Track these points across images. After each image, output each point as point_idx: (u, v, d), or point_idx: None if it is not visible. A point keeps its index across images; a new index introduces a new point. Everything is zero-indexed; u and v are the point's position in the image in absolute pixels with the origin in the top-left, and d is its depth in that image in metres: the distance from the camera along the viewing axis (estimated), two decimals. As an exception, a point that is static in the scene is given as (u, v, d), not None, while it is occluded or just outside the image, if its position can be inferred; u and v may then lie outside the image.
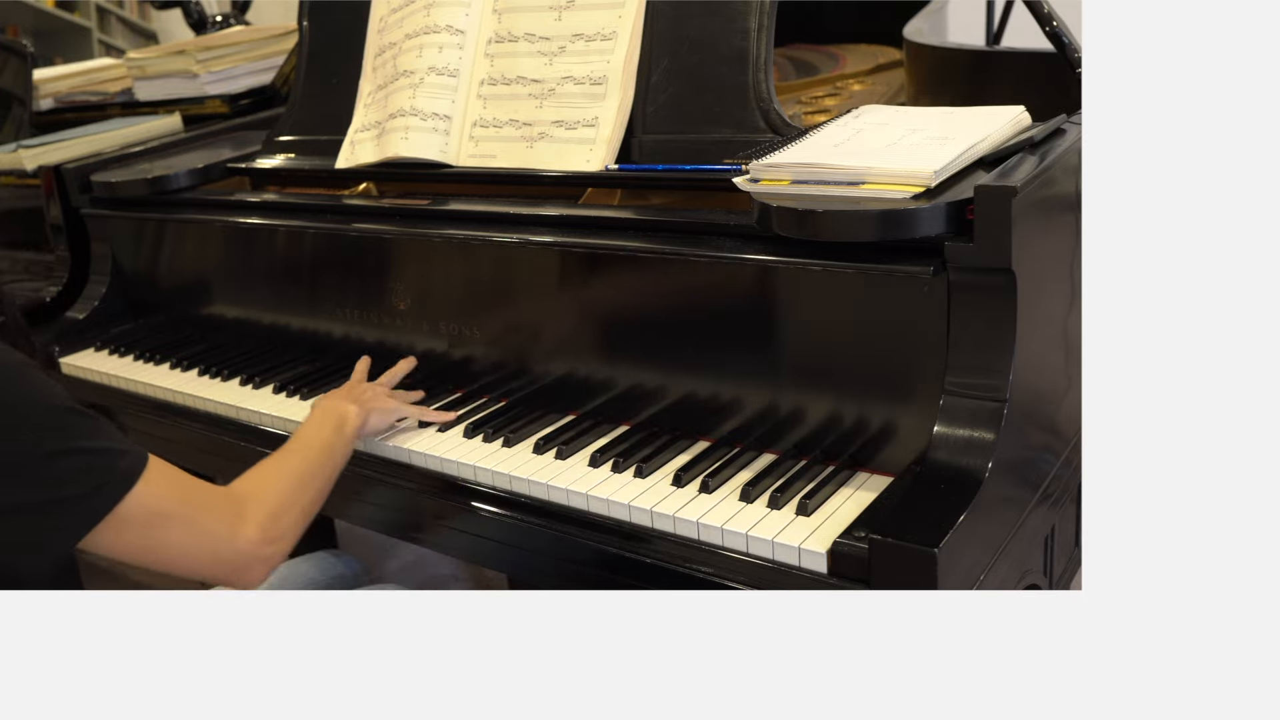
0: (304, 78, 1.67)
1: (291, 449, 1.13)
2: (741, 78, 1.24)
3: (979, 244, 0.95)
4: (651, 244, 1.15)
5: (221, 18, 2.54)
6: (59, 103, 2.39)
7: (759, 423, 1.13)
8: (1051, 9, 1.27)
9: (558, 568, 1.13)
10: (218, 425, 1.45)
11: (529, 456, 1.18)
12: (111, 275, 1.78)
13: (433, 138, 1.41)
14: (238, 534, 0.97)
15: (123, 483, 0.90)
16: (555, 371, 1.27)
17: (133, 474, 0.91)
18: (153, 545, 0.93)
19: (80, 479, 0.88)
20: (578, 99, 1.32)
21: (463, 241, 1.30)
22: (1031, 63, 1.44)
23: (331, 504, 1.40)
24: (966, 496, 0.92)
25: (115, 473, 0.90)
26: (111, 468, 0.90)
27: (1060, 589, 1.20)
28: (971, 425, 0.97)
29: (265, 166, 1.65)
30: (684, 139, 1.27)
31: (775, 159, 1.08)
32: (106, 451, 0.90)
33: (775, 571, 0.97)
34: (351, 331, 1.46)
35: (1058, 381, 1.11)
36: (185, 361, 1.58)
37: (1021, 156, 1.03)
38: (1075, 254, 1.10)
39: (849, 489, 1.05)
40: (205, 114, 2.15)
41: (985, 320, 0.98)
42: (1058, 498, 1.13)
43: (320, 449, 1.14)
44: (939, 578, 0.87)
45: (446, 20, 1.43)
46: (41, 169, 1.84)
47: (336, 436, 1.17)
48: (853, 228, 0.99)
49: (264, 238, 1.55)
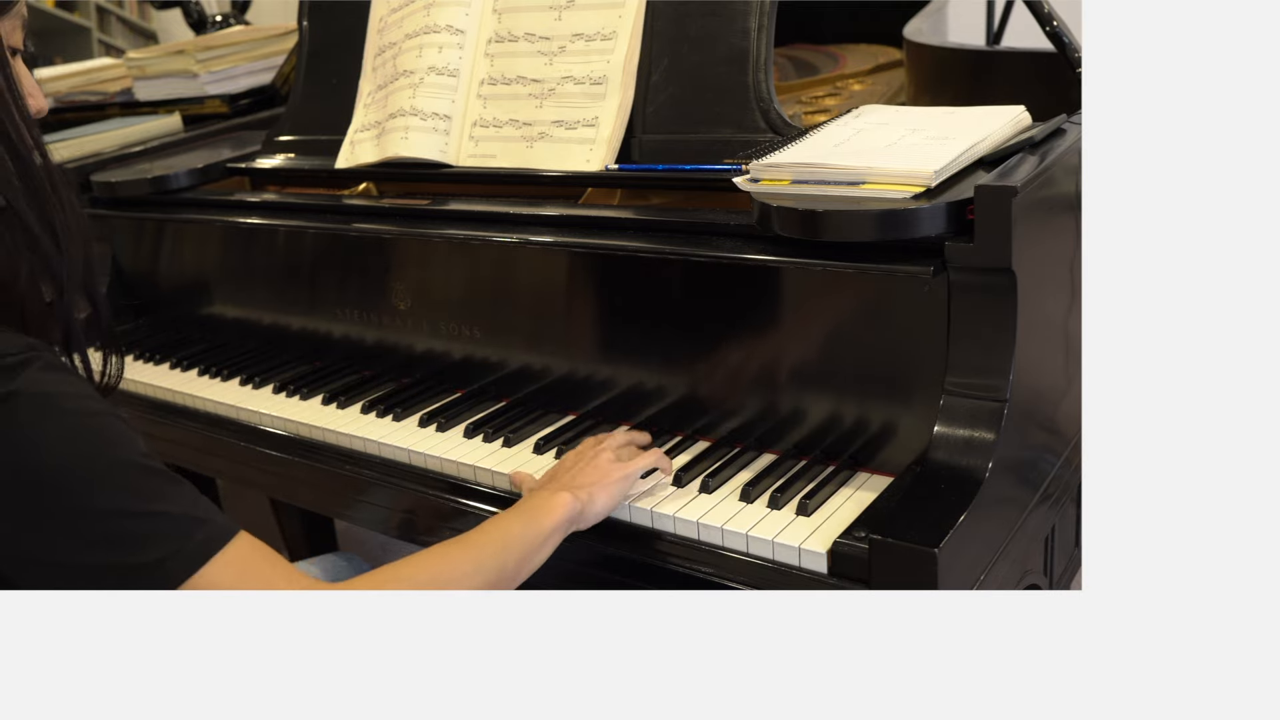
0: (304, 78, 1.67)
1: (458, 541, 0.94)
2: (741, 78, 1.24)
3: (979, 244, 0.95)
4: (651, 244, 1.15)
5: (221, 18, 2.54)
6: (59, 103, 2.39)
7: (759, 423, 1.13)
8: (1051, 9, 1.27)
9: (557, 568, 1.12)
10: (218, 425, 1.45)
11: (529, 456, 1.18)
12: (111, 275, 1.78)
13: (433, 138, 1.41)
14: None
15: (196, 558, 0.78)
16: (555, 371, 1.27)
17: (210, 548, 0.79)
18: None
19: (145, 547, 0.77)
20: (578, 99, 1.32)
21: (463, 241, 1.30)
22: (1031, 63, 1.44)
23: (331, 504, 1.41)
24: (966, 496, 0.92)
25: (189, 545, 0.78)
26: (185, 536, 0.79)
27: (1060, 589, 1.20)
28: (971, 425, 0.97)
29: (265, 166, 1.65)
30: (684, 139, 1.27)
31: (775, 159, 1.08)
32: (179, 518, 0.79)
33: (775, 571, 0.97)
34: (351, 331, 1.46)
35: (1058, 381, 1.11)
36: (185, 361, 1.58)
37: (1021, 156, 1.03)
38: (1075, 254, 1.10)
39: (849, 489, 1.05)
40: (205, 114, 2.15)
41: (985, 320, 0.97)
42: (1058, 498, 1.13)
43: (493, 549, 0.95)
44: (939, 578, 0.87)
45: (446, 20, 1.43)
46: (41, 169, 1.83)
47: (525, 529, 0.97)
48: (853, 228, 0.99)
49: (264, 238, 1.55)
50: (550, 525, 0.98)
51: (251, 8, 2.60)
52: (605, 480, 1.03)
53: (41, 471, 0.76)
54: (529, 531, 0.97)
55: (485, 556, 0.94)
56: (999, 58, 1.60)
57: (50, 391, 0.78)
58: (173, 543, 0.78)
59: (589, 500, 1.01)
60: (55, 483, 0.77)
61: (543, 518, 0.98)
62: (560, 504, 0.99)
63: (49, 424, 0.77)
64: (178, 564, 0.78)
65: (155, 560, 0.77)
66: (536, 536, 0.97)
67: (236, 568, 0.80)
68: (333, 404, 1.37)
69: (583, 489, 1.02)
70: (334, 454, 1.30)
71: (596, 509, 1.02)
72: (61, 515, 0.77)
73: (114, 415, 0.81)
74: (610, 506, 1.03)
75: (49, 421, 0.77)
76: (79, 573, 0.77)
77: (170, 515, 0.79)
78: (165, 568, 0.77)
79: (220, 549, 0.79)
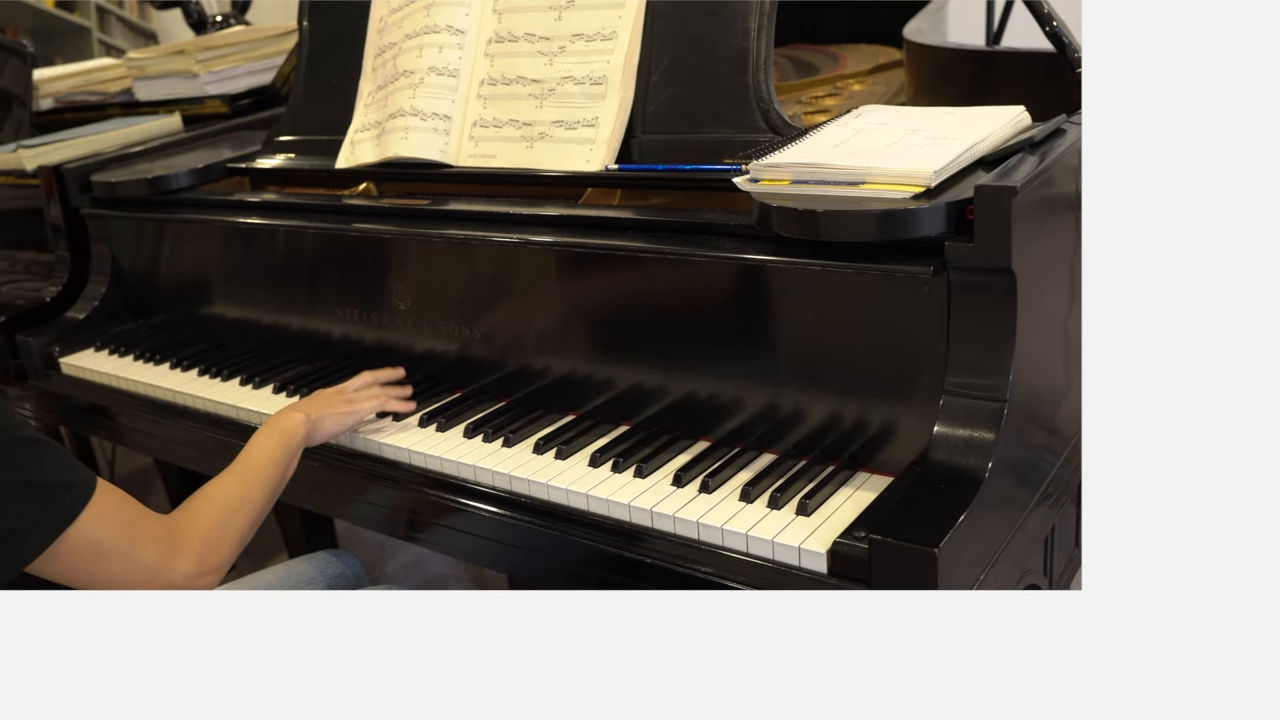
0: (304, 78, 1.67)
1: (233, 469, 1.14)
2: (741, 78, 1.24)
3: (979, 244, 0.95)
4: (651, 244, 1.15)
5: (221, 18, 2.54)
6: (59, 103, 2.40)
7: (759, 423, 1.13)
8: (1051, 9, 1.27)
9: (558, 568, 1.13)
10: (218, 425, 1.45)
11: (529, 456, 1.18)
12: (111, 275, 1.78)
13: (433, 138, 1.41)
14: (174, 567, 1.00)
15: (63, 518, 0.93)
16: (555, 371, 1.27)
17: (75, 508, 0.93)
18: (93, 575, 0.96)
19: (23, 513, 0.91)
20: (578, 99, 1.32)
21: (463, 241, 1.30)
22: (1031, 63, 1.44)
23: (331, 504, 1.41)
24: (966, 496, 0.92)
25: (59, 506, 0.93)
26: (56, 501, 0.93)
27: (1060, 589, 1.20)
28: (971, 425, 0.97)
29: (265, 166, 1.65)
30: (684, 139, 1.27)
31: (775, 159, 1.08)
32: (52, 485, 0.93)
33: (775, 571, 0.97)
34: (351, 331, 1.46)
35: (1058, 381, 1.11)
36: (185, 361, 1.58)
37: (1021, 156, 1.03)
38: (1075, 254, 1.10)
39: (849, 489, 1.05)
40: (205, 114, 2.15)
41: (985, 320, 0.98)
42: (1058, 498, 1.13)
43: (261, 466, 1.15)
44: (939, 578, 0.87)
45: (446, 20, 1.43)
46: (41, 169, 1.84)
47: (279, 450, 1.18)
48: (853, 228, 0.99)
49: (264, 238, 1.55)
50: (296, 441, 1.21)
51: (251, 8, 2.60)
52: (334, 410, 1.26)
53: None
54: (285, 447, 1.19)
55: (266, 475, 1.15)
56: (999, 58, 1.60)
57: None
58: (45, 507, 0.92)
59: (318, 419, 1.24)
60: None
61: (290, 437, 1.20)
62: (296, 420, 1.22)
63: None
64: (58, 517, 0.92)
65: (40, 518, 0.91)
66: (289, 450, 1.20)
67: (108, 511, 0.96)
68: (333, 404, 1.37)
69: (314, 410, 1.25)
70: (334, 454, 1.30)
71: (323, 429, 1.25)
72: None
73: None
74: (335, 433, 1.27)
75: None
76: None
77: (44, 482, 0.92)
78: (48, 523, 0.92)
79: (86, 505, 0.94)
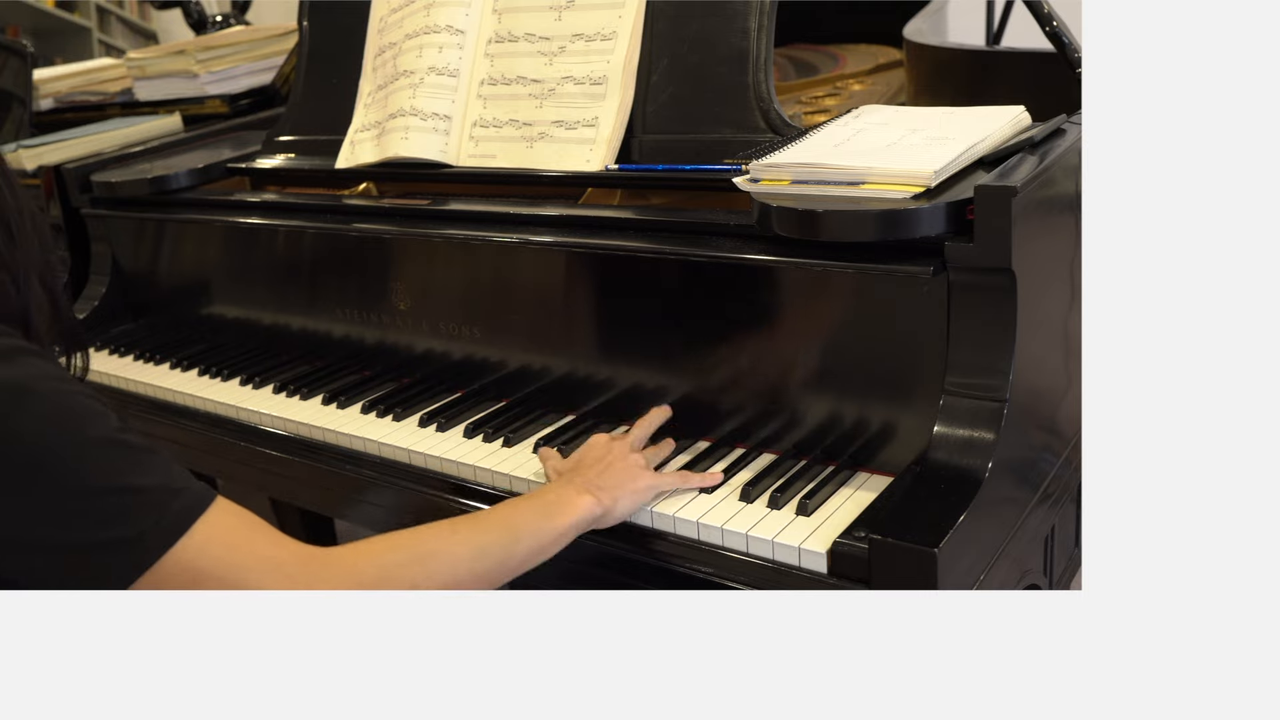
0: (304, 78, 1.67)
1: (469, 519, 0.93)
2: (741, 78, 1.24)
3: (979, 244, 0.95)
4: (651, 244, 1.15)
5: (221, 18, 2.54)
6: (59, 103, 2.39)
7: (759, 423, 1.13)
8: (1051, 9, 1.27)
9: (557, 567, 1.12)
10: (218, 425, 1.45)
11: (529, 456, 1.18)
12: (111, 275, 1.78)
13: (433, 138, 1.41)
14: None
15: (174, 529, 0.78)
16: (555, 371, 1.27)
17: (187, 519, 0.79)
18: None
19: (123, 521, 0.77)
20: (578, 99, 1.32)
21: (463, 241, 1.30)
22: (1031, 63, 1.44)
23: (331, 504, 1.41)
24: (966, 496, 0.92)
25: (166, 516, 0.79)
26: (162, 508, 0.79)
27: (1060, 589, 1.20)
28: (971, 425, 0.97)
29: (265, 166, 1.65)
30: (684, 139, 1.27)
31: (775, 159, 1.08)
32: (156, 490, 0.79)
33: (775, 571, 0.97)
34: (352, 331, 1.46)
35: (1058, 381, 1.11)
36: (185, 361, 1.58)
37: (1021, 156, 1.03)
38: (1075, 254, 1.10)
39: (849, 489, 1.05)
40: (205, 114, 2.15)
41: (985, 320, 0.98)
42: (1058, 498, 1.13)
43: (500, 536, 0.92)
44: (939, 578, 0.87)
45: (446, 20, 1.43)
46: (41, 169, 1.83)
47: (540, 523, 0.94)
48: (853, 228, 0.99)
49: (264, 238, 1.55)
50: (566, 524, 0.95)
51: (251, 8, 2.60)
52: (633, 486, 1.00)
53: (17, 454, 0.76)
54: (544, 526, 0.94)
55: (489, 541, 0.91)
56: (999, 58, 1.60)
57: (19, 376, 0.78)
58: (151, 514, 0.78)
59: (612, 505, 0.98)
60: (32, 464, 0.76)
61: (559, 516, 0.95)
62: (583, 506, 0.96)
63: (23, 407, 0.77)
64: (157, 536, 0.78)
65: (137, 534, 0.77)
66: (550, 532, 0.94)
67: (219, 534, 0.80)
68: (333, 404, 1.37)
69: (607, 491, 0.99)
70: (334, 454, 1.30)
71: (617, 513, 0.99)
72: (40, 496, 0.76)
73: (84, 394, 0.81)
74: (630, 513, 1.01)
75: (23, 404, 0.77)
76: (61, 553, 0.77)
77: (147, 488, 0.79)
78: (145, 541, 0.78)
79: (199, 516, 0.80)
